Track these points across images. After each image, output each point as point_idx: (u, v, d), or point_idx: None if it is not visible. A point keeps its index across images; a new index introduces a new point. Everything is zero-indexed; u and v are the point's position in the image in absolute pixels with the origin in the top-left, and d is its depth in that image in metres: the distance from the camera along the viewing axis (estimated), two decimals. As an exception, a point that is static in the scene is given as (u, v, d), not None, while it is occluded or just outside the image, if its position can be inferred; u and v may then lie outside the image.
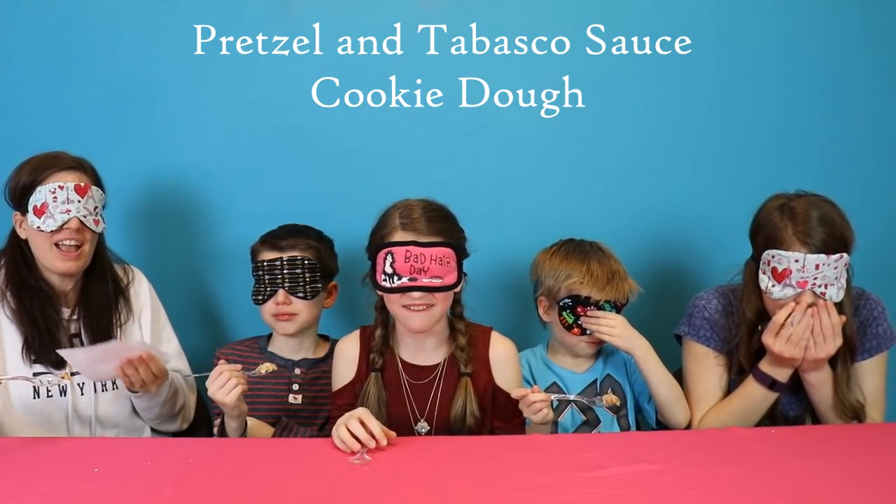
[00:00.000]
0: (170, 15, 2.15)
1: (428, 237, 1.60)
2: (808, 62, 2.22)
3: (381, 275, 1.60)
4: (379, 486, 1.32)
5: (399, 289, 1.59)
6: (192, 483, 1.33)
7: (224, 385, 1.58)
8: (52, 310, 1.73)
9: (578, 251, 1.83)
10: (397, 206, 1.66)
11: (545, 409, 1.57)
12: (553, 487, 1.31)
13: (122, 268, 1.87)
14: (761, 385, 1.70)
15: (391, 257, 1.58)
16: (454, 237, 1.64)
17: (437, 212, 1.66)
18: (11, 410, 1.69)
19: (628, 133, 2.23)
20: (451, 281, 1.61)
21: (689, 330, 1.82)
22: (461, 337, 1.71)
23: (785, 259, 1.61)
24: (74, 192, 1.69)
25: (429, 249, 1.58)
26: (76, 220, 1.68)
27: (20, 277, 1.73)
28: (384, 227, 1.64)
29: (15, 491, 1.29)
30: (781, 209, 1.65)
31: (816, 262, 1.59)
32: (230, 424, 1.67)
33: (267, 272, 1.89)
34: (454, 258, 1.61)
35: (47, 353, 1.69)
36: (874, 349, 1.74)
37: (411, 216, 1.62)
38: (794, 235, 1.61)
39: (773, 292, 1.64)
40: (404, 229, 1.61)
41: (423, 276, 1.58)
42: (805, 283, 1.61)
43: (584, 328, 1.78)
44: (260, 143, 2.21)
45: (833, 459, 1.43)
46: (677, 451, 1.47)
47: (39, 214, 1.67)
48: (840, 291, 1.63)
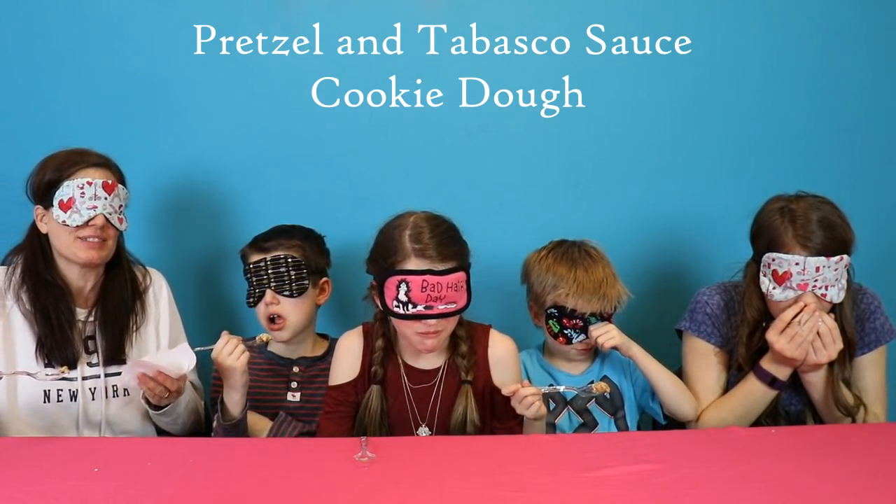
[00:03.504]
0: (170, 15, 2.15)
1: (443, 264, 1.57)
2: (807, 62, 2.23)
3: (393, 301, 1.58)
4: (379, 485, 1.32)
5: (415, 316, 1.58)
6: (192, 483, 1.33)
7: (233, 352, 1.65)
8: (67, 308, 1.72)
9: (566, 258, 1.80)
10: (403, 225, 1.62)
11: (536, 402, 1.57)
12: (553, 487, 1.31)
13: (140, 271, 1.86)
14: (761, 382, 1.71)
15: (406, 286, 1.56)
16: (465, 258, 1.63)
17: (447, 232, 1.62)
18: (16, 412, 1.68)
19: (628, 133, 2.23)
20: (463, 303, 1.61)
21: (691, 325, 1.82)
22: (462, 344, 1.71)
23: (785, 262, 1.62)
24: (102, 189, 1.69)
25: (445, 278, 1.56)
26: (102, 217, 1.69)
27: (37, 272, 1.72)
28: (395, 253, 1.59)
29: (15, 491, 1.28)
30: (781, 212, 1.66)
31: (817, 265, 1.59)
32: (233, 397, 1.68)
33: (254, 274, 1.90)
34: (466, 280, 1.61)
35: (60, 351, 1.68)
36: (873, 343, 1.75)
37: (422, 240, 1.58)
38: (794, 239, 1.62)
39: (774, 294, 1.65)
40: (418, 256, 1.57)
41: (438, 303, 1.57)
42: (806, 285, 1.61)
43: (570, 338, 1.78)
44: (260, 143, 2.21)
45: (833, 459, 1.43)
46: (677, 451, 1.47)
47: (65, 209, 1.67)
48: (841, 293, 1.63)
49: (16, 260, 1.76)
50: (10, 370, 1.66)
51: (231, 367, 1.65)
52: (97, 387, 1.74)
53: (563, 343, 1.79)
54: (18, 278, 1.72)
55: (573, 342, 1.79)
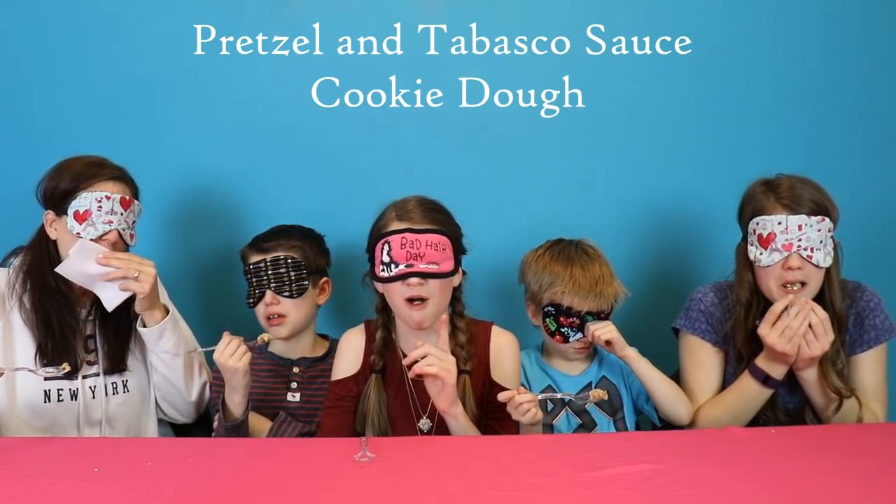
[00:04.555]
0: (170, 15, 2.15)
1: (422, 224, 1.63)
2: (807, 62, 2.23)
3: (379, 266, 1.63)
4: (379, 485, 1.32)
5: (397, 276, 1.60)
6: (192, 483, 1.33)
7: (235, 352, 1.66)
8: (70, 315, 1.73)
9: (563, 256, 1.81)
10: (393, 202, 1.70)
11: (533, 409, 1.57)
12: (553, 487, 1.31)
13: None
14: (755, 380, 1.71)
15: (388, 246, 1.62)
16: (449, 227, 1.67)
17: (432, 204, 1.70)
18: (16, 411, 1.69)
19: (628, 133, 2.23)
20: (447, 268, 1.62)
21: (686, 323, 1.83)
22: (461, 335, 1.72)
23: (769, 223, 1.67)
24: (120, 204, 1.70)
25: (424, 235, 1.61)
26: (116, 232, 1.69)
27: (42, 276, 1.71)
28: (380, 221, 1.68)
29: (15, 491, 1.28)
30: (764, 185, 1.74)
31: (799, 223, 1.65)
32: (234, 398, 1.69)
33: (254, 275, 1.90)
34: (450, 246, 1.64)
35: (61, 359, 1.67)
36: (873, 341, 1.75)
37: (406, 208, 1.66)
38: (776, 202, 1.68)
39: (761, 260, 1.68)
40: (400, 220, 1.65)
41: (419, 261, 1.60)
42: (790, 245, 1.65)
43: (567, 336, 1.78)
44: (260, 144, 2.21)
45: (833, 459, 1.42)
46: (677, 451, 1.47)
47: (81, 220, 1.67)
48: (827, 258, 1.67)
49: (18, 261, 1.76)
50: (9, 368, 1.66)
51: (233, 367, 1.66)
52: (97, 385, 1.74)
53: (560, 341, 1.79)
54: (21, 281, 1.72)
55: (570, 340, 1.79)
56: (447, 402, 1.57)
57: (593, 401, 1.63)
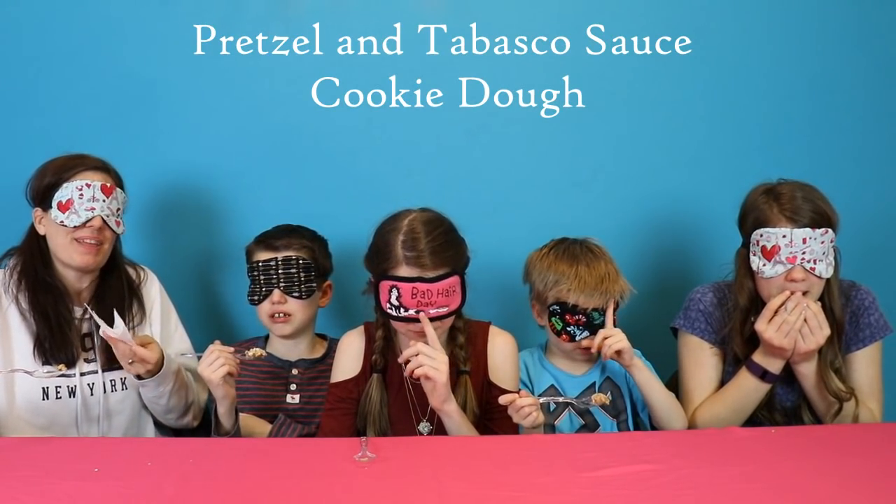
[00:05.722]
0: (170, 15, 2.15)
1: (434, 271, 1.56)
2: (807, 63, 2.23)
3: (386, 304, 1.59)
4: (379, 485, 1.32)
5: (405, 319, 1.59)
6: (192, 483, 1.33)
7: (212, 363, 1.63)
8: (65, 308, 1.73)
9: (568, 254, 1.80)
10: (398, 229, 1.60)
11: (534, 412, 1.57)
12: (553, 487, 1.31)
13: (134, 269, 1.87)
14: (753, 375, 1.72)
15: (397, 291, 1.57)
16: (459, 262, 1.62)
17: (442, 237, 1.60)
18: (15, 411, 1.69)
19: (628, 133, 2.23)
20: (455, 306, 1.61)
21: (685, 322, 1.83)
22: (460, 335, 1.71)
23: (773, 236, 1.65)
24: (101, 191, 1.71)
25: (436, 285, 1.56)
26: (99, 218, 1.70)
27: (35, 273, 1.73)
28: (388, 258, 1.58)
29: (15, 491, 1.28)
30: (766, 193, 1.72)
31: (803, 237, 1.63)
32: (220, 410, 1.68)
33: (262, 272, 1.89)
34: (459, 284, 1.61)
35: (58, 352, 1.69)
36: (868, 339, 1.76)
37: (416, 248, 1.56)
38: (780, 213, 1.67)
39: (764, 271, 1.67)
40: (409, 264, 1.56)
41: (430, 307, 1.57)
42: (794, 258, 1.64)
43: (574, 335, 1.78)
44: (260, 143, 2.21)
45: (833, 459, 1.43)
46: (677, 451, 1.47)
47: (64, 210, 1.68)
48: (829, 268, 1.66)
49: (11, 261, 1.77)
50: (6, 369, 1.67)
51: (208, 379, 1.63)
52: (95, 382, 1.74)
53: (566, 340, 1.79)
54: (16, 279, 1.73)
55: (576, 339, 1.78)
56: (439, 400, 1.57)
57: (595, 404, 1.63)
